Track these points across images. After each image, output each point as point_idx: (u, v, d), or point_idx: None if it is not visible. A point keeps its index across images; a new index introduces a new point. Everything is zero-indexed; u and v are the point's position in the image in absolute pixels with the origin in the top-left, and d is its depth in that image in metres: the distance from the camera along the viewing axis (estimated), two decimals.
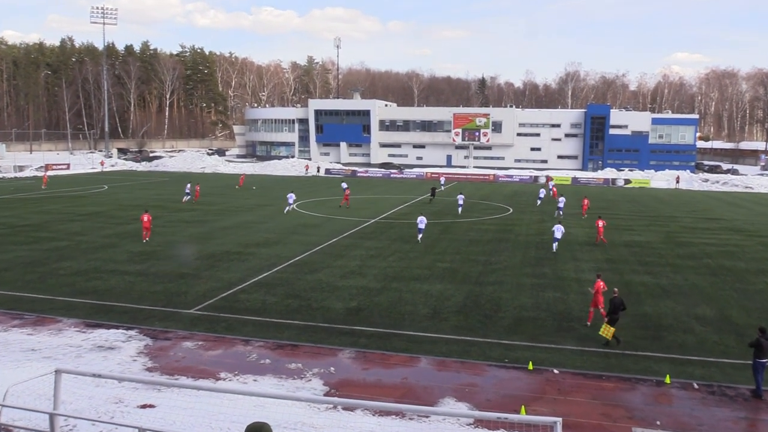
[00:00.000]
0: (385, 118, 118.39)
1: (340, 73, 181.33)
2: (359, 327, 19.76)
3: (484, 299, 23.33)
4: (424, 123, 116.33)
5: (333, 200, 55.90)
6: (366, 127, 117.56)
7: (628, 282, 26.53)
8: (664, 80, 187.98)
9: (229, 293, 23.31)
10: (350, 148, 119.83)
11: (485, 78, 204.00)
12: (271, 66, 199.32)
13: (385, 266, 28.65)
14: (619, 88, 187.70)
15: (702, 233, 41.23)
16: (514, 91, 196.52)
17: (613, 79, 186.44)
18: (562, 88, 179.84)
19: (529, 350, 18.05)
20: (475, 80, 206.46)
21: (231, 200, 54.52)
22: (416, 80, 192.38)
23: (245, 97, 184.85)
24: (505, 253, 32.67)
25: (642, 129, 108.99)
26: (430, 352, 17.72)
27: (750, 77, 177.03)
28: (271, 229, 38.86)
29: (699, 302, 23.60)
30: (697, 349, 18.42)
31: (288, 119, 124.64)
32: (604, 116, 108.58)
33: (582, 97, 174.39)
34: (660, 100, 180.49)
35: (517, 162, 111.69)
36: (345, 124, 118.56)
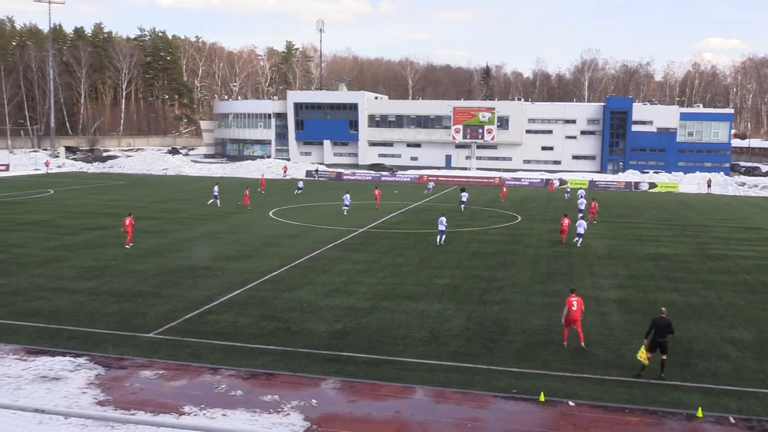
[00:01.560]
0: (375, 112, 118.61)
1: (324, 61, 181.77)
2: (345, 353, 19.71)
3: (489, 321, 23.36)
4: (419, 118, 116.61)
5: (316, 207, 55.87)
6: (353, 122, 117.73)
7: (654, 301, 26.63)
8: (694, 69, 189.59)
9: (194, 314, 23.21)
10: (335, 147, 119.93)
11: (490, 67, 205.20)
12: (244, 52, 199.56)
13: (375, 283, 28.63)
14: (643, 79, 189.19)
15: (738, 245, 41.50)
16: (523, 82, 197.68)
17: (635, 68, 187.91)
18: (578, 78, 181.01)
19: (540, 379, 18.07)
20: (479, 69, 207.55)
21: (198, 207, 54.38)
22: (411, 69, 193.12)
23: (214, 88, 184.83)
24: (512, 267, 32.74)
25: (669, 125, 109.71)
26: (426, 382, 17.69)
27: None
28: (243, 240, 38.78)
29: (735, 324, 23.73)
30: (733, 378, 18.50)
31: (263, 114, 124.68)
32: (625, 111, 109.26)
33: (600, 89, 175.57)
34: (690, 93, 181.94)
35: (527, 163, 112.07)
36: (329, 119, 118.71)
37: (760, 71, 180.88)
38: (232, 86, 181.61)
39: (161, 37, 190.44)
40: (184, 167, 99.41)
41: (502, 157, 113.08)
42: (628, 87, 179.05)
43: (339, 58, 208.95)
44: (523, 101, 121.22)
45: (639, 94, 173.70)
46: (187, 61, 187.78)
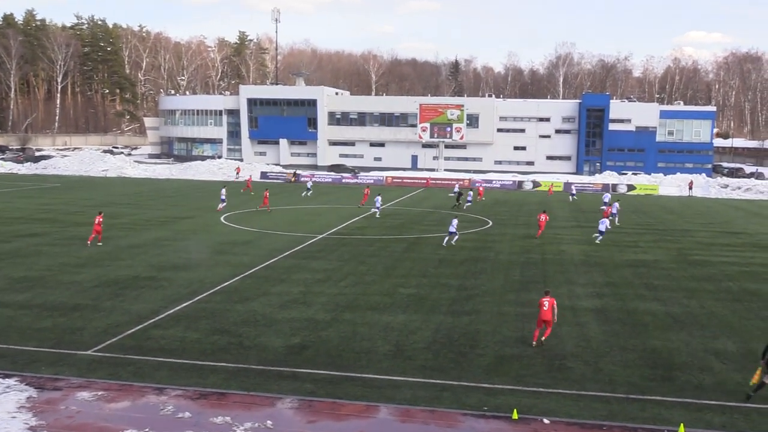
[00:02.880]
0: (336, 109, 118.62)
1: (280, 53, 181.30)
2: (303, 369, 19.61)
3: (458, 333, 23.46)
4: (383, 116, 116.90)
5: (272, 211, 55.55)
6: (312, 120, 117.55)
7: (632, 310, 27.04)
8: (674, 65, 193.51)
9: (138, 329, 22.90)
10: (292, 147, 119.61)
11: (459, 61, 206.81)
12: (193, 43, 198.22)
13: (335, 293, 28.58)
14: (621, 75, 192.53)
15: (721, 250, 42.37)
16: (494, 78, 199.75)
17: (613, 63, 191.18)
18: (553, 74, 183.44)
19: (513, 395, 18.19)
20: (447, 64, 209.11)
21: (141, 212, 53.75)
22: (374, 63, 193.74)
23: (159, 82, 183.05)
24: (483, 275, 32.95)
25: (648, 124, 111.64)
26: (391, 399, 17.69)
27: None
28: (191, 248, 38.43)
29: (718, 334, 24.19)
30: (716, 392, 18.84)
31: (214, 110, 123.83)
32: (602, 108, 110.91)
33: (576, 85, 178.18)
34: (670, 89, 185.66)
35: (498, 164, 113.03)
36: (285, 116, 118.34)
37: (743, 67, 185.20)
38: (180, 80, 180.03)
39: (101, 25, 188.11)
40: (127, 168, 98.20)
41: (471, 158, 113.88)
42: (605, 83, 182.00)
43: (296, 51, 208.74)
44: (494, 98, 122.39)
45: (617, 90, 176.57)
46: (130, 53, 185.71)
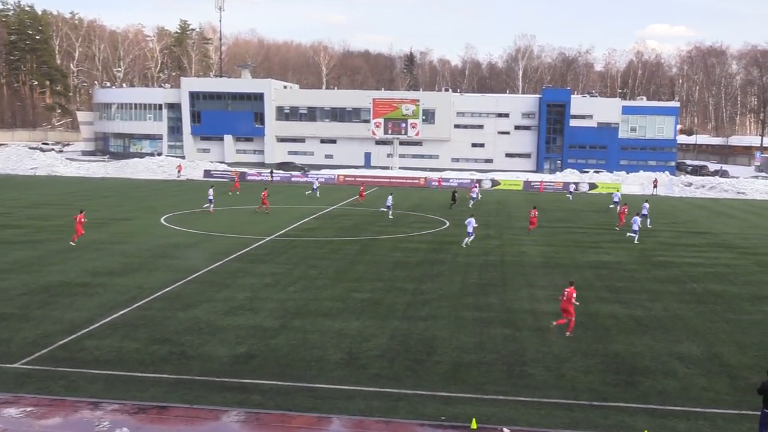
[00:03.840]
0: (284, 104, 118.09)
1: (224, 43, 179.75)
2: (250, 380, 19.51)
3: (414, 339, 23.54)
4: (335, 111, 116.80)
5: (216, 212, 55.09)
6: (258, 115, 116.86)
7: (594, 313, 27.45)
8: (637, 59, 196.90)
9: (70, 339, 22.52)
10: (238, 143, 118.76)
11: (414, 54, 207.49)
12: (130, 32, 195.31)
13: (284, 298, 28.46)
14: (582, 69, 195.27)
15: (685, 251, 43.25)
16: (451, 71, 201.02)
17: (574, 56, 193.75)
18: (512, 67, 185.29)
19: (471, 404, 18.31)
20: (402, 56, 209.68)
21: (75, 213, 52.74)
22: (325, 55, 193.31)
23: (94, 73, 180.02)
24: (440, 278, 33.12)
25: (610, 120, 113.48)
26: (344, 411, 17.68)
27: (741, 56, 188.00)
28: (129, 251, 37.89)
29: (682, 338, 24.69)
30: (680, 397, 19.22)
31: (153, 104, 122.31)
32: (563, 104, 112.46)
33: (536, 80, 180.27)
34: (633, 84, 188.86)
35: (455, 161, 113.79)
36: (231, 111, 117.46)
37: (707, 61, 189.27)
38: (116, 71, 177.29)
39: (28, 12, 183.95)
40: (58, 166, 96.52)
41: (427, 155, 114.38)
42: (566, 77, 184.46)
43: (242, 41, 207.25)
44: (451, 92, 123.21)
45: (578, 85, 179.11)
46: (61, 42, 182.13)
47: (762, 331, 25.78)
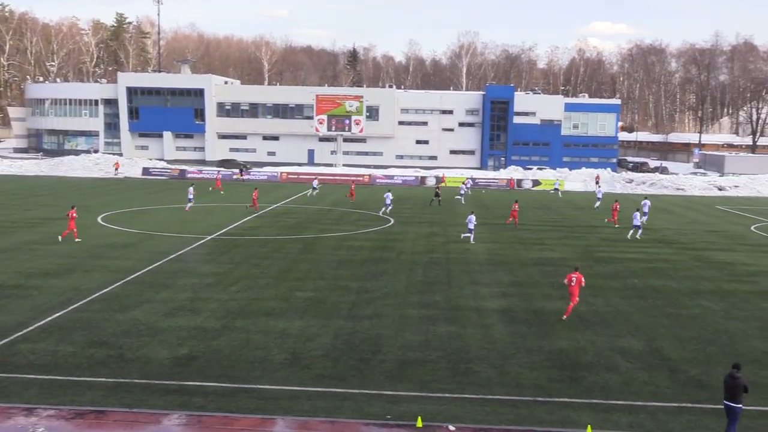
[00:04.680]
0: (225, 100, 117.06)
1: (163, 38, 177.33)
2: (192, 382, 19.32)
3: (359, 338, 23.59)
4: (277, 107, 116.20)
5: (155, 211, 54.40)
6: (199, 111, 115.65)
7: (538, 310, 27.87)
8: (579, 56, 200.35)
9: (3, 343, 22.02)
10: (177, 140, 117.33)
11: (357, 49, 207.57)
12: (64, 25, 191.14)
13: (226, 298, 28.26)
14: (525, 66, 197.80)
15: (626, 247, 44.14)
16: (395, 68, 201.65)
17: (517, 53, 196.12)
18: (455, 64, 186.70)
19: (417, 402, 18.42)
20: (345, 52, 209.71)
21: (6, 213, 51.57)
22: (267, 50, 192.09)
23: (26, 67, 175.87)
24: (384, 276, 33.24)
25: (553, 117, 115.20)
26: (289, 411, 17.63)
27: (680, 54, 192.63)
28: (64, 252, 37.16)
29: (624, 332, 25.21)
30: (622, 392, 19.63)
31: (89, 99, 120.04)
32: (506, 101, 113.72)
33: (480, 76, 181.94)
34: (575, 81, 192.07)
35: (399, 158, 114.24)
36: (170, 107, 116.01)
37: (647, 59, 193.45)
38: (49, 66, 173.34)
39: None
40: None
41: (372, 152, 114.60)
42: (509, 74, 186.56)
43: (181, 35, 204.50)
44: (395, 89, 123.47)
45: (521, 82, 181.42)
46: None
47: (700, 325, 26.48)
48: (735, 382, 16.12)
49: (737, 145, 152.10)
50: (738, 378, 16.12)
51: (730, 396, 16.18)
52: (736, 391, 16.10)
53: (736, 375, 16.18)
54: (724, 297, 31.09)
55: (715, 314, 28.10)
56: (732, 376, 16.21)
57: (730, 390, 16.18)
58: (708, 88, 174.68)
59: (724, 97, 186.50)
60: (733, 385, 16.13)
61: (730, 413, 16.19)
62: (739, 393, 16.10)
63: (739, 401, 16.12)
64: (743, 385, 16.11)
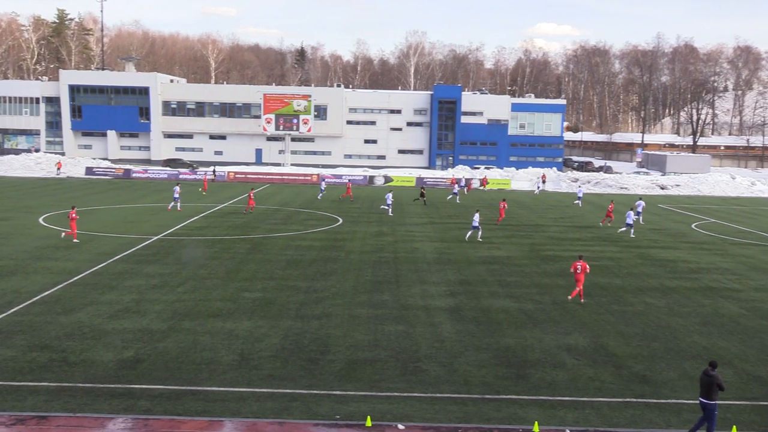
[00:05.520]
0: (171, 98, 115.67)
1: (106, 35, 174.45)
2: (138, 385, 19.08)
3: (308, 338, 23.53)
4: (224, 106, 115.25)
5: (100, 211, 53.46)
6: (144, 110, 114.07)
7: (486, 308, 28.12)
8: (525, 57, 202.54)
9: None
10: (122, 139, 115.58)
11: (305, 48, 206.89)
12: (3, 21, 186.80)
13: (173, 300, 27.96)
14: (473, 66, 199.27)
15: (572, 245, 44.79)
16: (343, 67, 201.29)
17: (465, 53, 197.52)
18: (403, 63, 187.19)
19: (366, 401, 18.46)
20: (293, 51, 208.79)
21: None
22: (213, 48, 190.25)
23: None
24: (333, 276, 33.21)
25: (500, 117, 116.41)
26: (237, 413, 17.53)
27: (624, 55, 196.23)
28: (4, 253, 36.37)
29: (570, 330, 25.59)
30: (569, 388, 19.93)
31: (29, 98, 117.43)
32: (454, 100, 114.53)
33: (428, 76, 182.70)
34: (521, 82, 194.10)
35: (348, 158, 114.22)
36: (114, 105, 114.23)
37: (591, 60, 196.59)
38: None
39: None
40: None
41: (320, 151, 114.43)
42: (456, 74, 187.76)
43: (125, 33, 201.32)
44: (343, 88, 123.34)
45: (469, 82, 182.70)
46: None
47: (644, 321, 27.00)
48: (710, 380, 16.48)
49: (678, 145, 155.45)
50: (712, 376, 16.48)
51: (706, 393, 16.55)
52: (711, 388, 16.45)
53: (710, 373, 16.54)
54: (667, 294, 31.80)
55: (658, 311, 28.71)
56: (707, 374, 16.58)
57: (706, 388, 16.56)
58: (650, 89, 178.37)
59: (665, 97, 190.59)
60: (708, 383, 16.49)
61: (706, 411, 16.57)
62: (714, 390, 16.45)
63: (715, 399, 16.48)
64: (718, 383, 16.46)
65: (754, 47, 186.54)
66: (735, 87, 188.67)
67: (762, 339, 25.16)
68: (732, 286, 33.85)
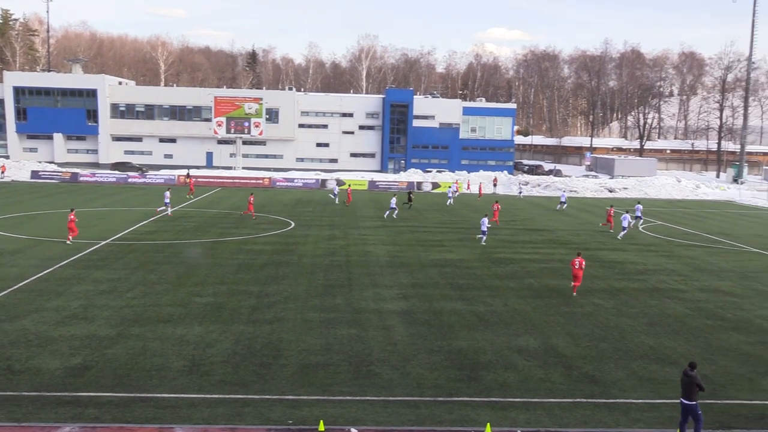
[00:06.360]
0: (120, 101, 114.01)
1: (53, 36, 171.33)
2: (86, 393, 18.80)
3: (260, 343, 23.41)
4: (174, 109, 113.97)
5: (46, 215, 52.45)
6: (92, 113, 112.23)
7: (438, 311, 28.27)
8: (476, 61, 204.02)
9: None
10: (69, 142, 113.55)
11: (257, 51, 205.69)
12: None
13: (122, 305, 27.57)
14: (425, 70, 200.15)
15: (523, 247, 45.26)
16: (295, 70, 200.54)
17: (416, 57, 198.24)
18: (355, 67, 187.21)
19: (319, 406, 18.43)
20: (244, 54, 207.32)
21: None
22: (163, 50, 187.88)
23: None
24: (285, 280, 33.09)
25: (452, 120, 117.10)
26: (188, 420, 17.37)
27: (572, 60, 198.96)
28: None
29: (521, 331, 25.86)
30: (520, 389, 20.14)
31: None
32: (406, 104, 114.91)
33: (380, 80, 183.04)
34: (472, 86, 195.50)
35: (300, 161, 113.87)
36: (60, 108, 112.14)
37: (541, 65, 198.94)
38: None
39: None
40: None
41: (272, 155, 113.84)
42: (408, 78, 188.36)
43: (72, 34, 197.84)
44: (295, 91, 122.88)
45: (420, 86, 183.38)
46: None
47: (593, 322, 27.41)
48: (689, 381, 16.78)
49: (626, 149, 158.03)
50: (692, 376, 16.78)
51: (686, 394, 16.85)
52: (691, 389, 16.76)
53: (690, 373, 16.85)
54: (615, 295, 32.33)
55: (606, 312, 29.17)
56: (686, 375, 16.89)
57: (686, 388, 16.87)
58: (598, 94, 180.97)
59: (613, 102, 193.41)
60: (688, 384, 16.80)
61: (687, 411, 16.87)
62: (693, 391, 16.74)
63: (695, 399, 16.77)
64: (697, 384, 16.75)
65: (698, 53, 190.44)
66: (680, 92, 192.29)
67: (706, 338, 25.75)
68: (677, 287, 34.58)
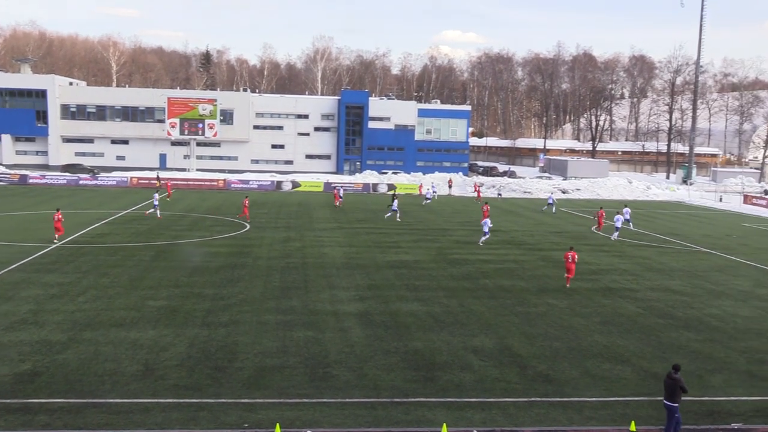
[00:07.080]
0: (71, 101, 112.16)
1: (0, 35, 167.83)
2: (36, 399, 18.48)
3: (215, 346, 23.22)
4: (126, 110, 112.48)
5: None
6: (41, 113, 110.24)
7: (395, 312, 28.32)
8: (431, 63, 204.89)
9: None
10: (18, 144, 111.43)
11: (210, 52, 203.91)
12: None
13: (73, 309, 27.14)
14: (380, 71, 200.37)
15: (478, 248, 45.53)
16: (249, 71, 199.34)
17: (371, 59, 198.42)
18: (311, 68, 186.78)
19: (275, 409, 18.34)
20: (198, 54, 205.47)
21: None
22: (115, 50, 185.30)
23: None
24: (241, 283, 32.88)
25: (407, 122, 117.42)
26: (141, 425, 17.17)
27: (526, 63, 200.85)
28: None
29: (477, 332, 26.02)
30: (476, 389, 20.26)
31: None
32: (361, 105, 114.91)
33: (335, 81, 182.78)
34: (427, 88, 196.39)
35: (255, 163, 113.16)
36: (8, 108, 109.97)
37: (495, 67, 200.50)
38: None
39: None
40: None
41: (226, 156, 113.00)
42: (364, 80, 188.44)
43: (20, 33, 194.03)
44: (249, 92, 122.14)
45: (376, 87, 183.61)
46: None
47: (547, 322, 27.70)
48: (673, 383, 16.98)
49: (578, 150, 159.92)
50: (675, 379, 16.98)
51: (669, 396, 17.06)
52: (675, 391, 16.96)
53: (673, 376, 17.05)
54: (569, 295, 32.70)
55: (560, 311, 29.50)
56: (670, 377, 17.09)
57: (669, 390, 17.07)
58: (551, 96, 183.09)
59: (566, 104, 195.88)
60: (672, 386, 16.99)
61: (670, 413, 17.05)
62: (677, 393, 16.95)
63: (678, 401, 16.98)
64: (681, 386, 16.96)
65: (648, 57, 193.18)
66: (631, 95, 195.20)
67: (658, 337, 26.19)
68: (629, 286, 35.12)
